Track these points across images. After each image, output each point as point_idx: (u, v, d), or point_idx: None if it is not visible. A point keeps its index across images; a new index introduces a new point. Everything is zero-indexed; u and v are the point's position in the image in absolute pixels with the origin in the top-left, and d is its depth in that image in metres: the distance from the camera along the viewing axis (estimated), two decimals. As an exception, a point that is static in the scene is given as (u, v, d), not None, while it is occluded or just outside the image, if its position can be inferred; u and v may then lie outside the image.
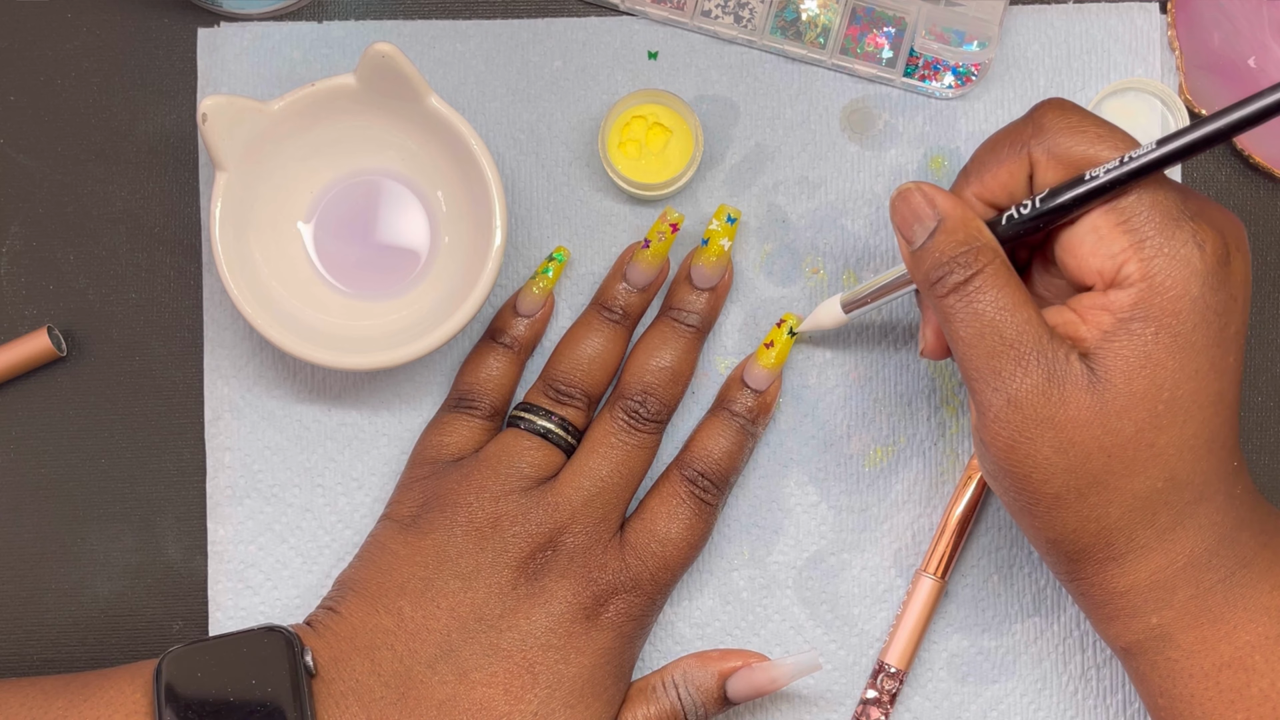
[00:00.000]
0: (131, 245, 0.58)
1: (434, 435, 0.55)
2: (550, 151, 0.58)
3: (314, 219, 0.56)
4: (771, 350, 0.56)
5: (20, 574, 0.57)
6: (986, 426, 0.47)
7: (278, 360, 0.58)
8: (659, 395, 0.55)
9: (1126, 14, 0.58)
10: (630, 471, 0.54)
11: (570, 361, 0.55)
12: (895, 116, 0.58)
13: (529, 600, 0.52)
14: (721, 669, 0.53)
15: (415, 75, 0.52)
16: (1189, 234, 0.45)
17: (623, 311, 0.56)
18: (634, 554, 0.53)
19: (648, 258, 0.55)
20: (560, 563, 0.52)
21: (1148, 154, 0.45)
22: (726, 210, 0.55)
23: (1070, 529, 0.47)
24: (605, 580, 0.53)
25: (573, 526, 0.53)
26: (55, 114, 0.58)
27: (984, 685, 0.57)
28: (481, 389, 0.55)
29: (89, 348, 0.58)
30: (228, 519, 0.57)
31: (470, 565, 0.52)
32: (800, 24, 0.57)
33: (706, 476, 0.54)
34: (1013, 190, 0.48)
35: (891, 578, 0.57)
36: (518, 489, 0.53)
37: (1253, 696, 0.46)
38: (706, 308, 0.56)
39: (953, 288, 0.47)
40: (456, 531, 0.52)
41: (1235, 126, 0.44)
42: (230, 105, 0.52)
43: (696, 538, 0.55)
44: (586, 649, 0.52)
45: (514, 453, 0.53)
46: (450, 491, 0.53)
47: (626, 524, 0.54)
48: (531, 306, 0.56)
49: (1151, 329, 0.45)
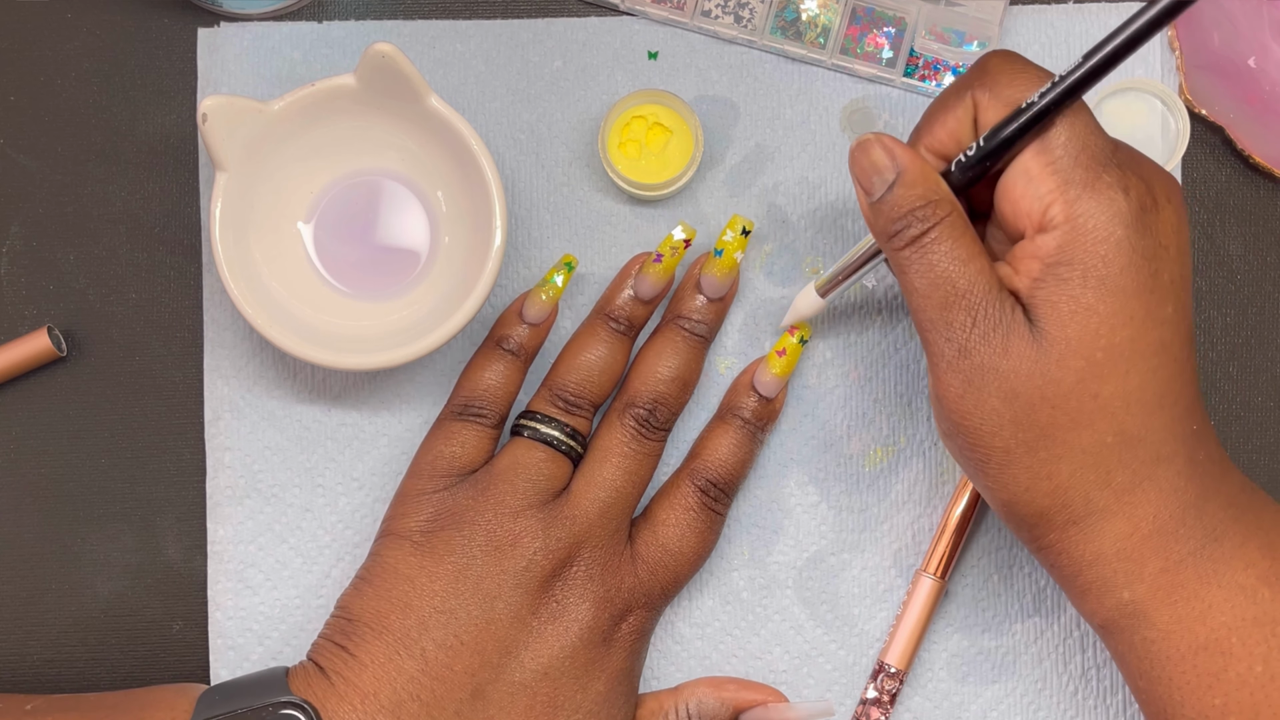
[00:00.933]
0: (131, 245, 0.58)
1: (440, 445, 0.54)
2: (550, 151, 0.58)
3: (314, 219, 0.56)
4: (783, 358, 0.56)
5: (20, 574, 0.57)
6: (940, 378, 0.47)
7: (278, 360, 0.58)
8: (668, 404, 0.55)
9: (1126, 14, 0.58)
10: (640, 479, 0.54)
11: (577, 371, 0.55)
12: (895, 116, 0.58)
13: (551, 624, 0.51)
14: (736, 702, 0.54)
15: (415, 75, 0.52)
16: (1115, 178, 0.45)
17: (627, 322, 0.55)
18: (646, 568, 0.53)
19: (659, 271, 0.55)
20: (579, 581, 0.52)
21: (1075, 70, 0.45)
22: (741, 222, 0.55)
23: (1023, 487, 0.46)
24: (621, 599, 0.53)
25: (589, 540, 0.52)
26: (55, 114, 0.58)
27: (984, 685, 0.57)
28: (487, 395, 0.55)
29: (89, 348, 0.58)
30: (228, 519, 0.57)
31: (492, 588, 0.51)
32: (800, 24, 0.57)
33: (717, 485, 0.54)
34: (960, 137, 0.48)
35: (891, 578, 0.57)
36: (535, 504, 0.52)
37: (1230, 681, 0.46)
38: (714, 317, 0.56)
39: (910, 240, 0.47)
40: (476, 553, 0.51)
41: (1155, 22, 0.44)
42: (230, 105, 0.52)
43: (706, 548, 0.55)
44: (601, 674, 0.52)
45: (527, 465, 0.53)
46: (466, 509, 0.52)
47: (636, 533, 0.54)
48: (538, 314, 0.55)
49: (1078, 272, 0.45)
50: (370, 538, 0.57)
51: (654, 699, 0.54)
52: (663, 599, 0.54)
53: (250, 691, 0.50)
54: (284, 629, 0.57)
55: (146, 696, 0.52)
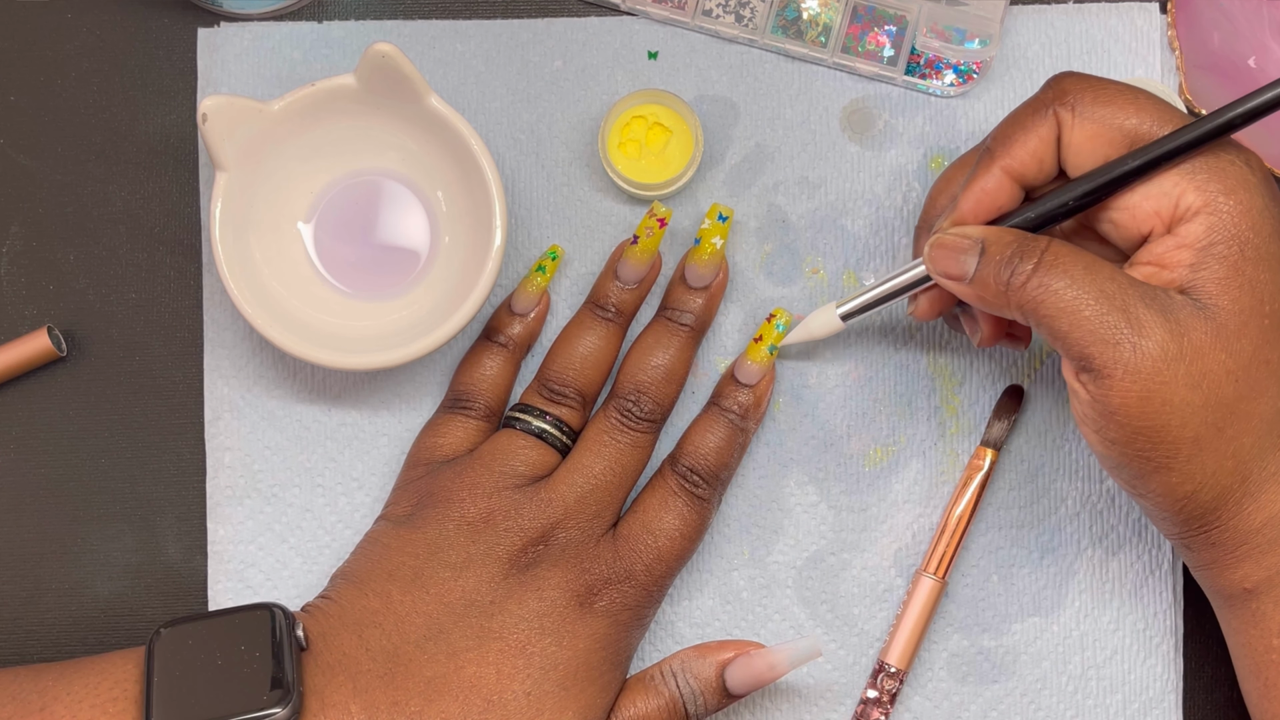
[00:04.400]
0: (131, 245, 0.58)
1: (429, 436, 0.55)
2: (550, 151, 0.58)
3: (314, 219, 0.56)
4: (761, 344, 0.56)
5: (20, 574, 0.57)
6: (1114, 390, 0.46)
7: (278, 360, 0.58)
8: (653, 394, 0.55)
9: (1126, 14, 0.58)
10: (624, 470, 0.54)
11: (564, 360, 0.55)
12: (895, 117, 0.58)
13: (520, 588, 0.52)
14: (720, 658, 0.53)
15: (415, 75, 0.52)
16: (1233, 154, 0.46)
17: (615, 309, 0.56)
18: (626, 546, 0.53)
19: (637, 253, 0.56)
20: (552, 555, 0.52)
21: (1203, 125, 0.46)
22: (718, 209, 0.55)
23: (1210, 472, 0.47)
24: (597, 571, 0.53)
25: (566, 523, 0.53)
26: (55, 114, 0.58)
27: (984, 685, 0.57)
28: (477, 389, 0.55)
29: (89, 348, 0.58)
30: (228, 519, 0.57)
31: (461, 557, 0.52)
32: (801, 23, 0.57)
33: (696, 471, 0.54)
34: (1042, 158, 0.49)
35: (891, 578, 0.57)
36: (511, 486, 0.53)
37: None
38: (701, 308, 0.56)
39: (1027, 276, 0.47)
40: (449, 526, 0.52)
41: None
42: (230, 105, 0.52)
43: (690, 530, 0.54)
44: (581, 634, 0.52)
45: (508, 451, 0.54)
46: (443, 488, 0.53)
47: (620, 520, 0.54)
48: (526, 305, 0.56)
49: (1235, 247, 0.46)
50: (370, 537, 0.57)
51: (641, 671, 0.54)
52: (646, 575, 0.53)
53: None
54: (284, 629, 0.57)
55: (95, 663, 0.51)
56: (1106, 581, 0.57)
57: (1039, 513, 0.57)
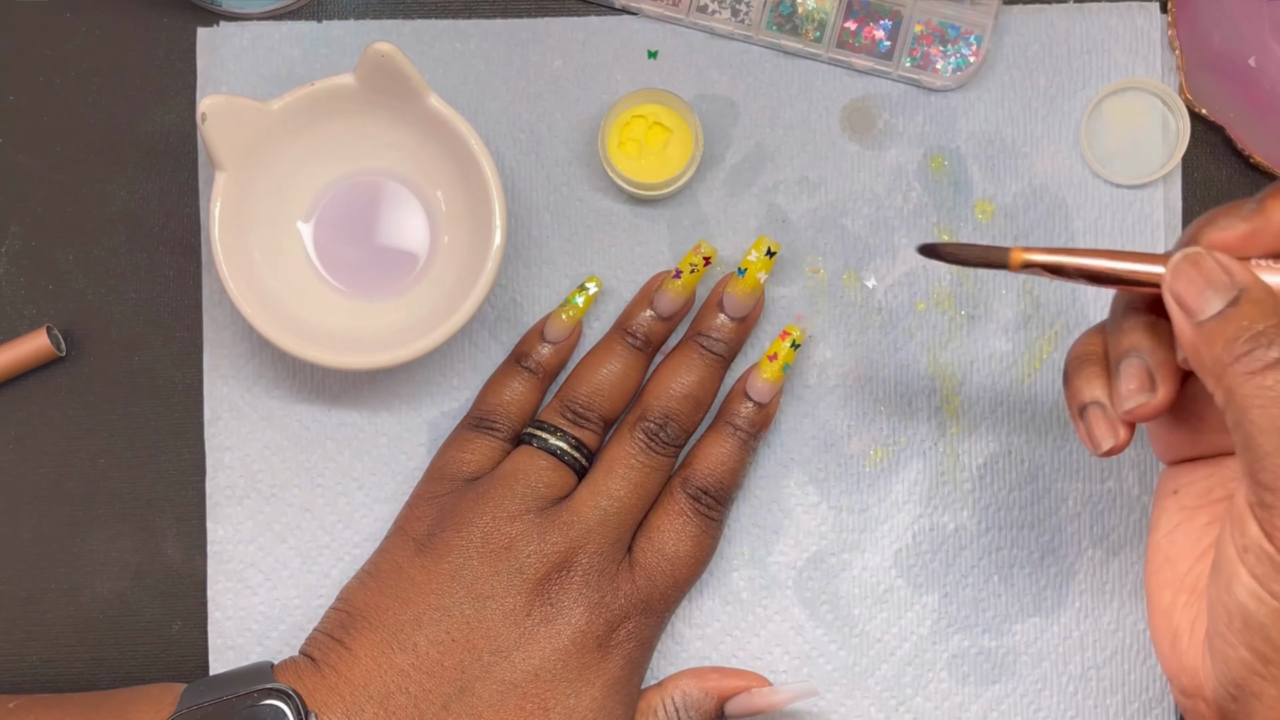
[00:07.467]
0: (131, 245, 0.58)
1: (453, 451, 0.55)
2: (550, 151, 0.58)
3: (314, 219, 0.56)
4: (775, 363, 0.55)
5: (20, 574, 0.57)
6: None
7: (278, 360, 0.58)
8: (680, 420, 0.55)
9: (1127, 13, 0.58)
10: (645, 493, 0.54)
11: (589, 384, 0.55)
12: (895, 116, 0.58)
13: (544, 626, 0.51)
14: (720, 691, 0.54)
15: (415, 75, 0.52)
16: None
17: (645, 339, 0.56)
18: (643, 574, 0.53)
19: (678, 288, 0.55)
20: (574, 585, 0.52)
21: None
22: (766, 243, 0.55)
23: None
24: (618, 605, 0.52)
25: (587, 546, 0.52)
26: (55, 114, 0.58)
27: (984, 685, 0.57)
28: (503, 411, 0.55)
29: (89, 348, 0.58)
30: (227, 519, 0.57)
31: (486, 589, 0.51)
32: (797, 17, 0.57)
33: (709, 493, 0.54)
34: None
35: (892, 578, 0.57)
36: (533, 508, 0.52)
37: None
38: (734, 336, 0.56)
39: (1262, 367, 0.40)
40: (472, 554, 0.52)
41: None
42: (230, 105, 0.52)
43: (704, 554, 0.55)
44: (596, 680, 0.52)
45: (528, 472, 0.53)
46: (465, 511, 0.53)
47: (634, 542, 0.54)
48: (559, 334, 0.56)
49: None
50: (370, 537, 0.57)
51: (641, 699, 0.54)
52: (662, 605, 0.54)
53: (235, 682, 0.51)
54: (284, 629, 0.57)
55: (130, 694, 0.52)
56: (1107, 582, 0.57)
57: (1039, 513, 0.57)
